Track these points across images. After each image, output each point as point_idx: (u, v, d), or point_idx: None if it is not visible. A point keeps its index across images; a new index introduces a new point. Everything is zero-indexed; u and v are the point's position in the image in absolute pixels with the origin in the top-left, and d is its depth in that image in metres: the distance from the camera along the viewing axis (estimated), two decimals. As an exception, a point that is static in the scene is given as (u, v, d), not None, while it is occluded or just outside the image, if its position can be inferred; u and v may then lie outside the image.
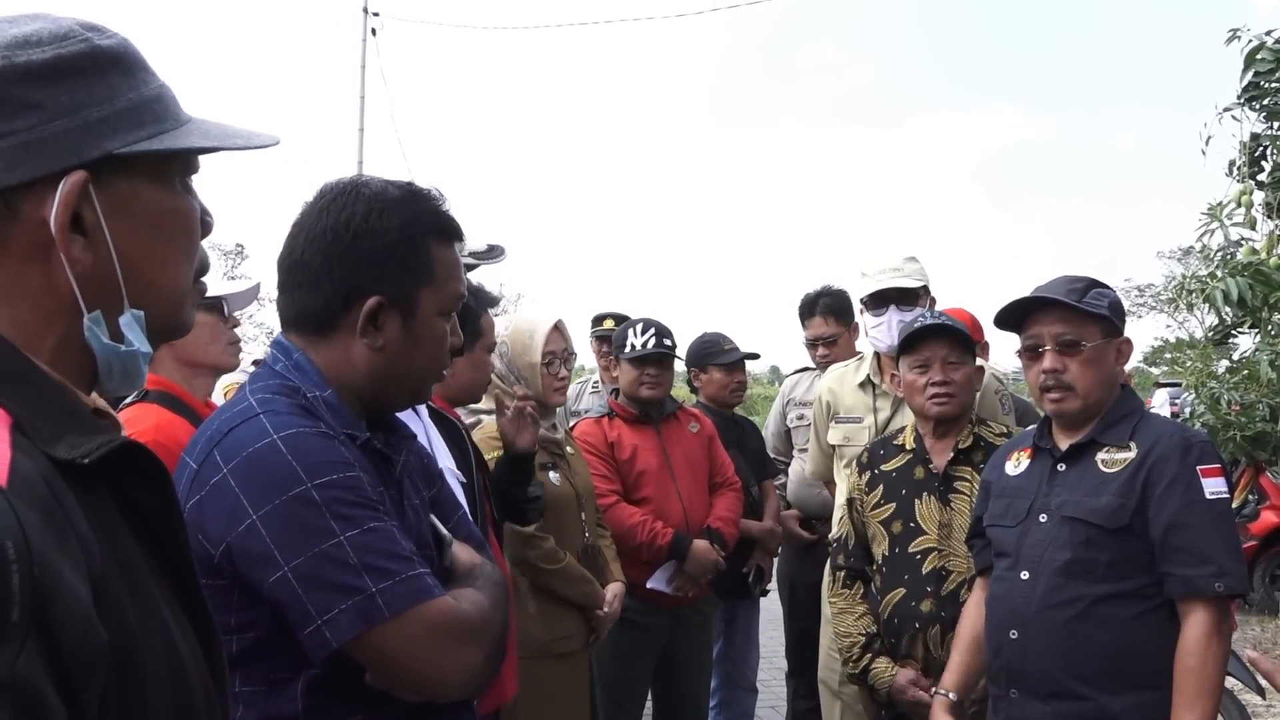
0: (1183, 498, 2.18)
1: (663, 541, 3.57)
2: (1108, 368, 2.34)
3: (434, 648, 1.32)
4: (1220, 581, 2.13)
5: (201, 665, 0.87)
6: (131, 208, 0.89)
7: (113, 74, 0.89)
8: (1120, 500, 2.23)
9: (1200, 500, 2.18)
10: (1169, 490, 2.19)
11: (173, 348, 2.42)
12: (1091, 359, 2.32)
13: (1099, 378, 2.32)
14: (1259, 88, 4.07)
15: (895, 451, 2.98)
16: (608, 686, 3.69)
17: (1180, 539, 2.17)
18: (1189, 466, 2.21)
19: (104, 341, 0.88)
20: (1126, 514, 2.22)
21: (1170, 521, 2.18)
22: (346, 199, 1.47)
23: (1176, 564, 2.17)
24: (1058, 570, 2.27)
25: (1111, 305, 2.35)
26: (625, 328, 3.86)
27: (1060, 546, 2.28)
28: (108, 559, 0.77)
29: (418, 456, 1.64)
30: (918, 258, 3.53)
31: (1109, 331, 2.34)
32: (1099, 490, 2.27)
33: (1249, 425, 4.02)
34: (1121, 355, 2.37)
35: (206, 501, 1.34)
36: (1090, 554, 2.24)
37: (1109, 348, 2.34)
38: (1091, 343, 2.32)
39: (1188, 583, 2.16)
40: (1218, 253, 4.26)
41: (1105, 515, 2.23)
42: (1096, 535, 2.24)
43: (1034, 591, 2.30)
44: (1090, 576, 2.24)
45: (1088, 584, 2.23)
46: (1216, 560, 2.14)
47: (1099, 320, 2.32)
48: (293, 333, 1.50)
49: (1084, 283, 2.36)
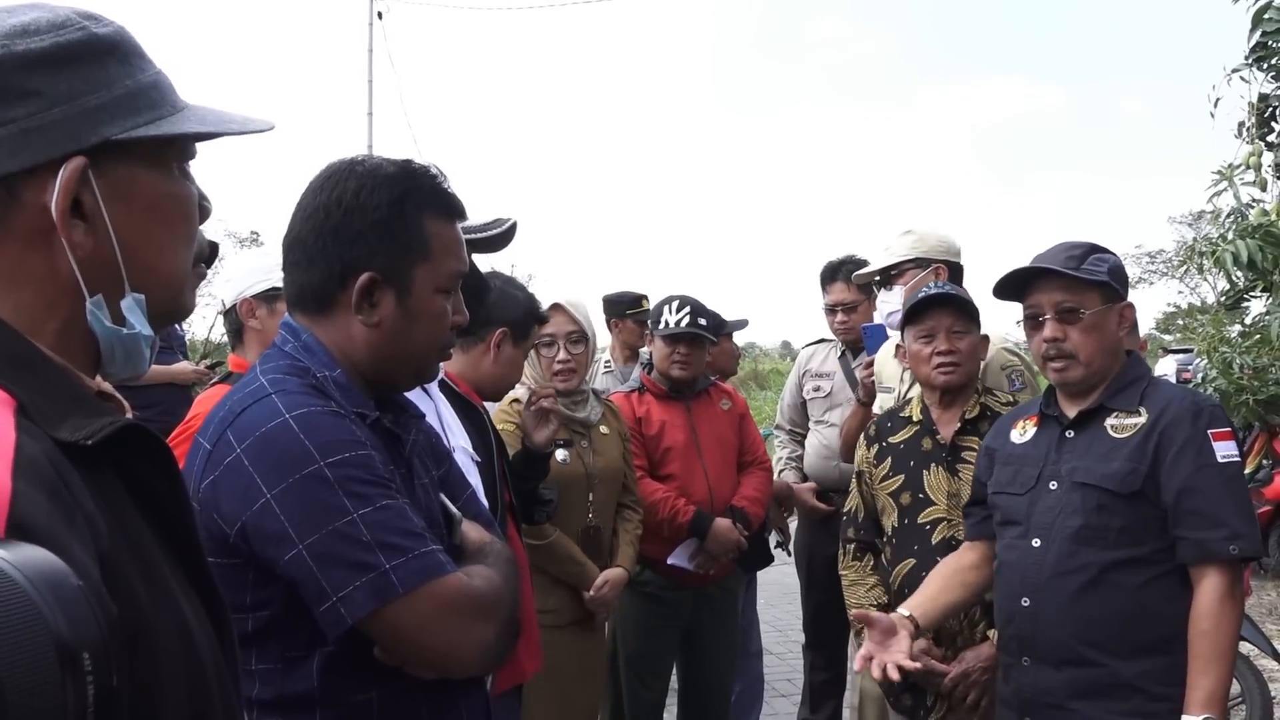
0: (1195, 462, 2.18)
1: (684, 519, 3.57)
2: (1109, 334, 2.33)
3: (447, 623, 1.34)
4: (1235, 544, 2.13)
5: (213, 641, 0.89)
6: (130, 193, 0.91)
7: (110, 61, 0.90)
8: (1132, 465, 2.22)
9: (1212, 464, 2.18)
10: (1181, 454, 2.19)
11: (259, 334, 2.50)
12: (1091, 326, 2.31)
13: (1100, 344, 2.31)
14: (1267, 48, 4.01)
15: (902, 424, 2.98)
16: (631, 660, 3.72)
17: (1193, 503, 2.16)
18: (1200, 431, 2.20)
19: (106, 325, 0.90)
20: (1139, 479, 2.21)
21: (1183, 486, 2.17)
22: (340, 176, 1.48)
23: (1190, 528, 2.17)
24: (1069, 537, 2.27)
25: (1111, 270, 2.33)
26: (661, 303, 3.83)
27: (1072, 513, 2.28)
28: (115, 537, 0.78)
29: (426, 435, 1.66)
30: (914, 229, 3.50)
31: (1109, 297, 2.32)
32: (1110, 456, 2.26)
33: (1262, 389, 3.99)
34: (1124, 320, 2.36)
35: (220, 481, 1.36)
36: (1102, 520, 2.24)
37: (1110, 313, 2.33)
38: (1091, 309, 2.30)
39: (1201, 546, 2.16)
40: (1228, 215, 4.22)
41: (1117, 480, 2.23)
42: (1109, 500, 2.24)
43: (1045, 558, 2.30)
44: (1102, 542, 2.23)
45: (1100, 550, 2.23)
46: (1230, 524, 2.14)
47: (1098, 287, 2.31)
48: (297, 312, 1.52)
49: (1083, 249, 2.35)
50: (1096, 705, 2.23)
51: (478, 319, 2.83)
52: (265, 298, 2.49)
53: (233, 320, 2.53)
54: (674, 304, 3.75)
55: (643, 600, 3.71)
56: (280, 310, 2.46)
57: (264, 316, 2.49)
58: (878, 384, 3.63)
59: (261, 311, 2.50)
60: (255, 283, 2.48)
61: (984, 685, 2.66)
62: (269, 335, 2.44)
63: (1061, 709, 2.27)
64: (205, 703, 0.85)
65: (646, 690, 3.74)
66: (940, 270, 3.43)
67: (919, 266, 3.42)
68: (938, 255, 3.46)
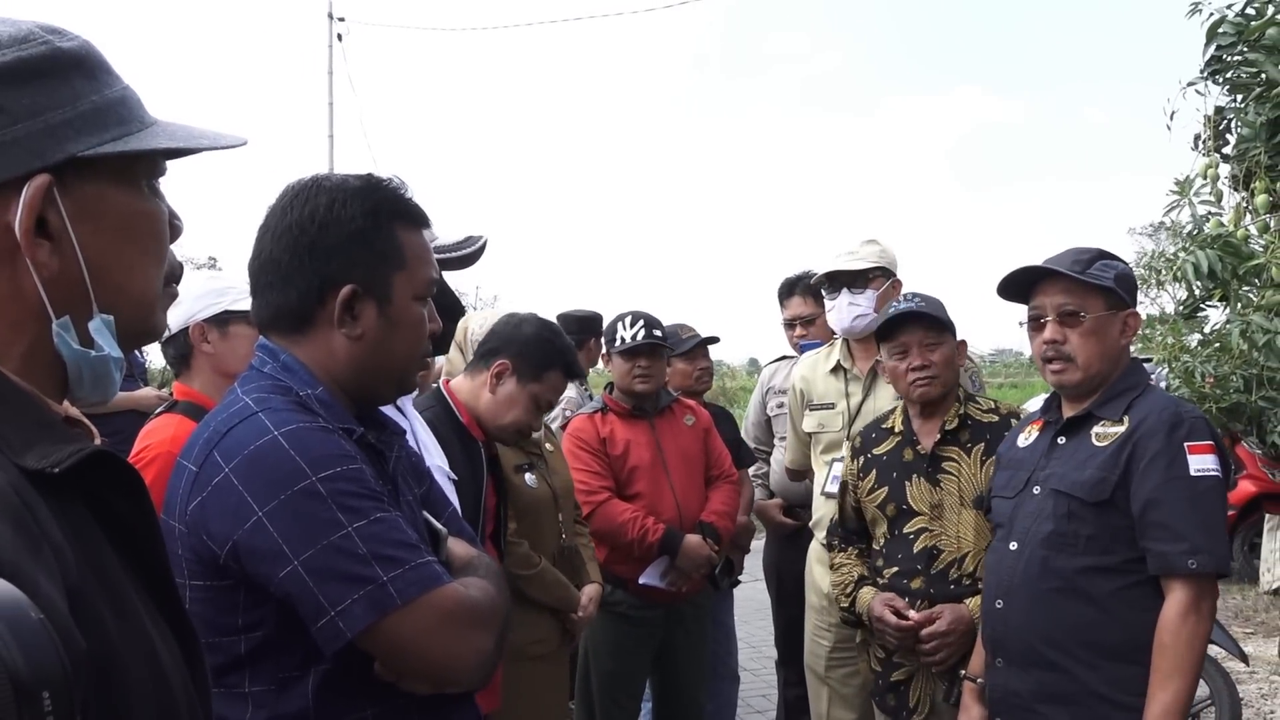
0: (1164, 474, 2.17)
1: (653, 538, 3.55)
2: (1110, 340, 2.32)
3: (446, 634, 1.33)
4: (1194, 559, 2.12)
5: (183, 671, 0.87)
6: (98, 211, 0.88)
7: (75, 76, 0.88)
8: (1103, 474, 2.22)
9: (1182, 477, 2.16)
10: (1151, 465, 2.18)
11: (211, 359, 2.44)
12: (1092, 330, 2.31)
13: (1099, 350, 2.31)
14: (1221, 61, 4.09)
15: (885, 435, 2.99)
16: (604, 680, 3.70)
17: (1157, 515, 2.16)
18: (1176, 442, 2.19)
19: (74, 347, 0.87)
20: (1108, 488, 2.21)
21: (1149, 497, 2.17)
22: (308, 194, 1.47)
23: (1153, 540, 2.16)
24: (1041, 542, 2.28)
25: (1118, 277, 2.32)
26: (614, 321, 3.82)
27: (1045, 518, 2.29)
28: (83, 568, 0.76)
29: (408, 454, 1.65)
30: (878, 240, 3.56)
31: (1114, 304, 2.32)
32: (1086, 464, 2.27)
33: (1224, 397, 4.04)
34: (1129, 329, 2.35)
35: (209, 502, 1.34)
36: (1072, 527, 2.24)
37: (1113, 320, 2.32)
38: (1093, 314, 2.30)
39: (1163, 559, 2.15)
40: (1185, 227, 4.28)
41: (1087, 489, 2.23)
42: (1078, 508, 2.24)
43: (1018, 563, 2.32)
44: (1071, 549, 2.24)
45: (1069, 556, 2.24)
46: (1190, 538, 2.13)
47: (1103, 292, 2.30)
48: (272, 334, 1.50)
49: (1091, 254, 2.35)
50: (1062, 710, 2.23)
51: (492, 345, 2.81)
52: (217, 321, 2.43)
53: (178, 346, 2.45)
54: (627, 320, 3.75)
55: (615, 620, 3.68)
56: (234, 333, 2.42)
57: (216, 340, 2.43)
58: (806, 402, 3.64)
59: (214, 335, 2.43)
60: (205, 306, 2.41)
61: (958, 645, 2.67)
62: (222, 360, 2.41)
63: (1029, 711, 2.28)
64: None
65: (620, 710, 3.72)
66: (898, 284, 3.47)
67: (884, 276, 3.46)
68: (894, 269, 3.51)
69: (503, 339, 2.83)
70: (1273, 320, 3.74)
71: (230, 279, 2.49)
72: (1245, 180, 4.08)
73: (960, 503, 2.79)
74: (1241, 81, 4.07)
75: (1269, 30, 3.85)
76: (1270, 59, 3.87)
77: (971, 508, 2.77)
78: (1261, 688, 5.37)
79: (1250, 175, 4.01)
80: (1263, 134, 3.93)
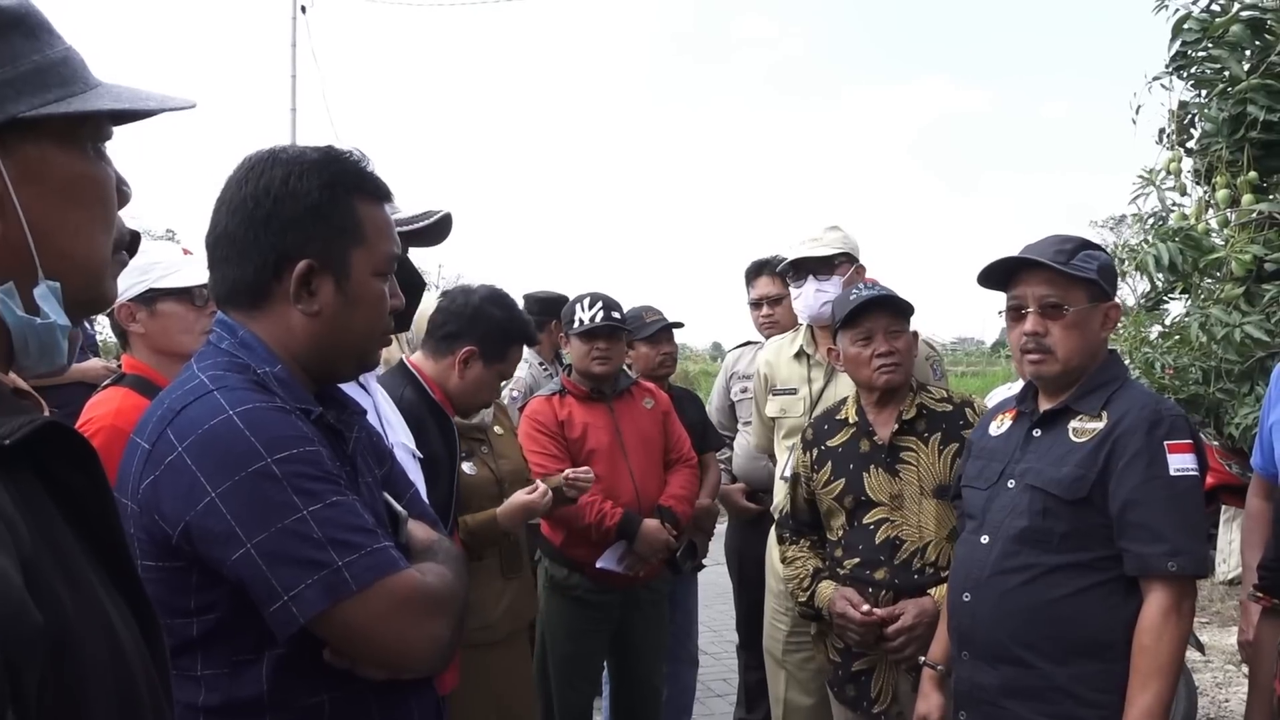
0: (1144, 473, 2.14)
1: (611, 522, 3.54)
2: (1091, 333, 2.29)
3: (401, 621, 1.31)
4: (1174, 561, 2.09)
5: (141, 648, 0.85)
6: (41, 174, 0.86)
7: (14, 36, 0.86)
8: (1081, 472, 2.20)
9: (1161, 476, 2.13)
10: (1131, 465, 2.15)
11: (145, 337, 2.39)
12: (1074, 323, 2.27)
13: (1080, 343, 2.28)
14: (1186, 56, 4.13)
15: (839, 426, 2.97)
16: (560, 664, 3.69)
17: (1136, 515, 2.13)
18: (1155, 441, 2.16)
19: (17, 314, 0.85)
20: (1086, 486, 2.18)
21: (1128, 497, 2.14)
22: (264, 166, 1.44)
23: (1132, 540, 2.14)
24: (1014, 537, 2.25)
25: (1101, 269, 2.28)
26: (573, 303, 3.79)
27: (1019, 514, 2.26)
28: (37, 542, 0.74)
29: (368, 434, 1.62)
30: (841, 226, 3.56)
31: (1096, 296, 2.28)
32: (1064, 460, 2.24)
33: (1182, 388, 4.09)
34: (1109, 321, 2.32)
35: (162, 481, 1.31)
36: (1047, 524, 2.22)
37: (1094, 312, 2.29)
38: (1076, 306, 2.27)
39: (1142, 560, 2.13)
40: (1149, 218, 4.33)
41: (1064, 486, 2.20)
42: (1054, 505, 2.21)
43: (989, 556, 2.29)
44: (1045, 546, 2.21)
45: (1041, 553, 2.21)
46: (1170, 539, 2.10)
47: (1085, 284, 2.27)
48: (230, 309, 1.47)
49: (1074, 244, 2.31)
50: (1026, 705, 2.22)
51: (451, 330, 2.79)
52: (144, 299, 2.37)
53: (114, 324, 2.42)
54: (585, 301, 3.73)
55: (571, 604, 3.68)
56: (163, 311, 2.37)
57: (145, 319, 2.37)
58: (769, 387, 3.66)
59: (142, 314, 2.37)
60: (131, 285, 2.34)
61: (924, 638, 2.65)
62: (153, 339, 2.37)
63: (994, 705, 2.27)
64: (134, 711, 0.81)
65: (575, 693, 3.72)
66: (862, 270, 3.48)
67: (849, 262, 3.47)
68: (857, 254, 3.53)
69: (463, 322, 2.80)
70: (1231, 313, 3.79)
71: (157, 255, 2.43)
72: (1207, 175, 4.13)
73: (920, 492, 2.77)
74: (1205, 77, 4.11)
75: (1233, 27, 3.89)
76: (1233, 55, 3.91)
77: (933, 497, 2.76)
78: (1216, 677, 5.45)
79: (1212, 170, 4.06)
80: (1225, 129, 3.98)
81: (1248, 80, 3.80)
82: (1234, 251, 3.80)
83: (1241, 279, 3.85)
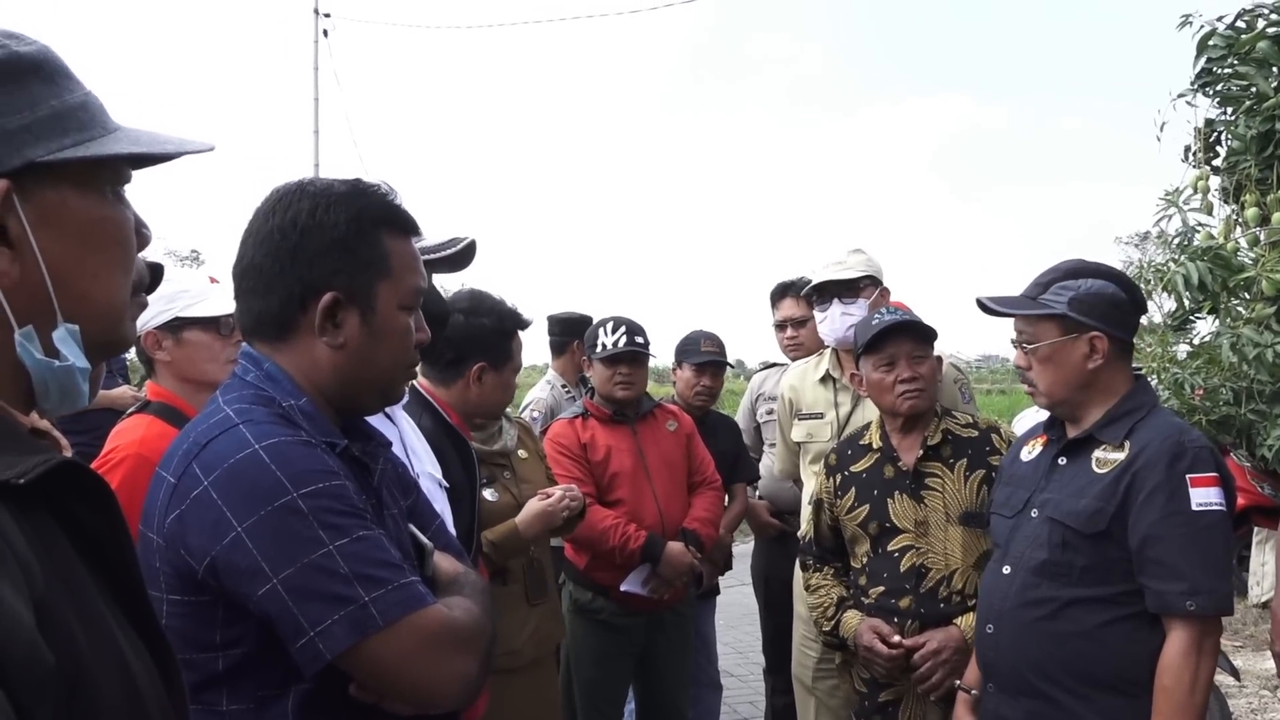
0: (1164, 508, 2.08)
1: (635, 545, 3.52)
2: (1069, 366, 2.25)
3: (429, 657, 1.30)
4: (1192, 600, 2.04)
5: (157, 686, 0.85)
6: (60, 218, 0.87)
7: (33, 81, 0.87)
8: (1099, 505, 2.15)
9: (1182, 512, 2.07)
10: (1150, 499, 2.09)
11: (170, 365, 2.40)
12: (1047, 358, 2.26)
13: (1059, 376, 2.26)
14: (1212, 74, 4.10)
15: (863, 452, 2.94)
16: (585, 688, 3.68)
17: (1155, 551, 2.08)
18: (1177, 474, 2.09)
19: (37, 358, 0.85)
20: (1104, 519, 2.14)
21: (1147, 533, 2.08)
22: (292, 198, 1.45)
23: (1151, 577, 2.09)
24: (1034, 569, 2.22)
25: (1075, 300, 2.24)
26: (596, 327, 3.79)
27: (1039, 545, 2.23)
28: (51, 581, 0.74)
29: (393, 465, 1.62)
30: (865, 249, 3.54)
31: (1070, 328, 2.24)
32: (1083, 492, 2.19)
33: (1214, 409, 4.04)
34: (1096, 351, 2.24)
35: (187, 515, 1.30)
36: (1066, 557, 2.18)
37: (1071, 345, 2.24)
38: (1046, 341, 2.25)
39: (1160, 598, 2.08)
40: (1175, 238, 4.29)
41: (1082, 519, 2.16)
42: (1073, 539, 2.17)
43: (1010, 587, 2.26)
44: (1065, 579, 2.18)
45: (1062, 586, 2.18)
46: (1190, 577, 2.04)
47: (1055, 319, 2.25)
48: (256, 341, 1.48)
49: (1051, 276, 2.30)
50: None
51: (453, 356, 2.78)
52: (170, 328, 2.38)
53: (140, 351, 2.44)
54: (609, 326, 3.73)
55: (596, 628, 3.67)
56: (189, 340, 2.38)
57: (171, 347, 2.38)
58: (794, 412, 3.63)
59: (168, 343, 2.38)
60: (157, 314, 2.35)
61: (952, 664, 2.62)
62: (179, 367, 2.38)
63: None
64: None
65: (600, 718, 3.70)
66: (886, 293, 3.46)
67: (873, 285, 3.45)
68: (881, 277, 3.50)
69: (461, 345, 2.77)
70: (1263, 333, 3.74)
71: (184, 283, 2.44)
72: (1235, 193, 4.08)
73: (946, 519, 2.74)
74: (1232, 94, 4.08)
75: (1259, 44, 3.85)
76: (1260, 72, 3.88)
77: (959, 524, 2.73)
78: (1251, 702, 5.35)
79: (1240, 188, 4.02)
80: (1253, 147, 3.94)
81: (1276, 97, 3.77)
82: (1264, 271, 3.75)
83: (1272, 298, 3.81)
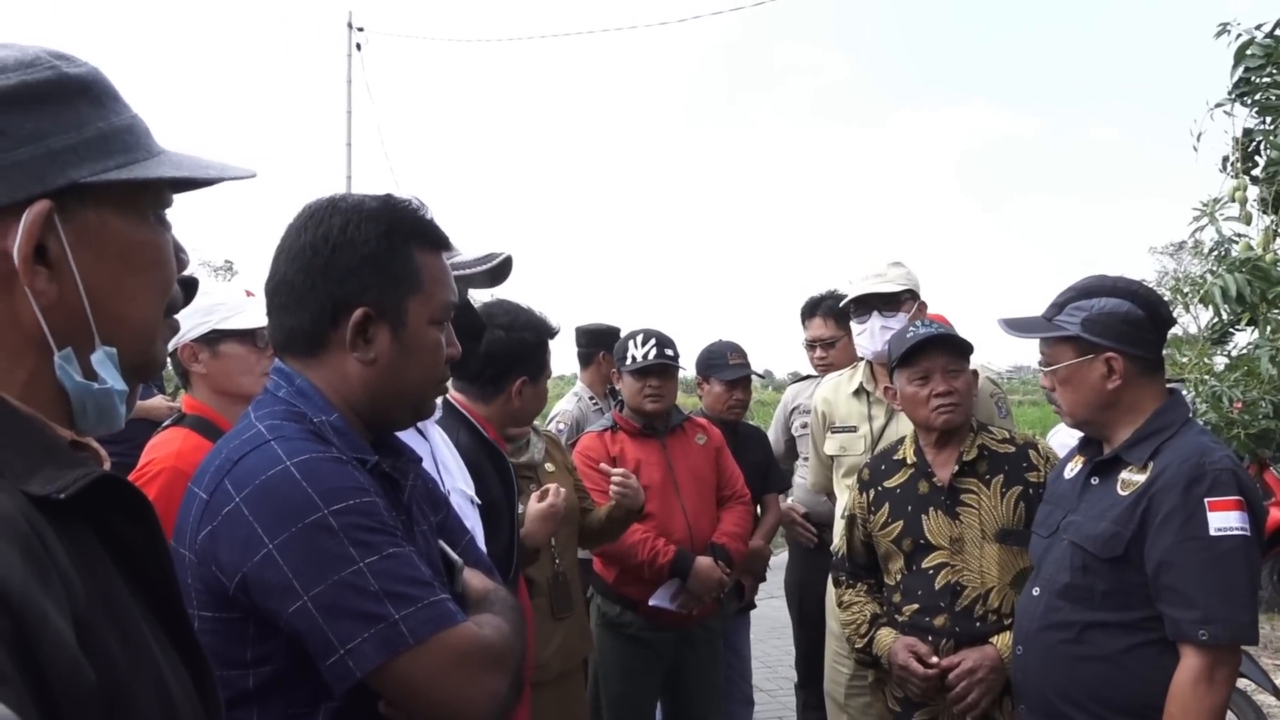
0: (1178, 533, 2.02)
1: (664, 560, 3.51)
2: (1089, 386, 2.22)
3: (459, 675, 1.30)
4: (1205, 630, 1.98)
5: (194, 700, 0.85)
6: (100, 239, 0.87)
7: (80, 102, 0.87)
8: (1116, 529, 2.12)
9: (1198, 537, 2.00)
10: (1165, 523, 2.05)
11: (207, 377, 2.42)
12: (1065, 379, 2.25)
13: (1079, 397, 2.24)
14: (1249, 83, 4.04)
15: (896, 467, 2.90)
16: (613, 703, 3.66)
17: (1170, 578, 2.03)
18: (1194, 498, 2.03)
19: (76, 380, 0.86)
20: (1121, 544, 2.10)
21: (1162, 558, 2.04)
22: (323, 214, 1.46)
23: (1166, 604, 2.05)
24: (1058, 591, 2.20)
25: (1087, 321, 2.20)
26: (625, 339, 3.78)
27: (1063, 569, 2.21)
28: (91, 596, 0.74)
29: (424, 481, 1.61)
30: (903, 262, 3.51)
31: (1085, 349, 2.21)
32: (1104, 515, 2.16)
33: (1253, 423, 3.98)
34: (1114, 371, 2.20)
35: (219, 532, 1.31)
36: (1087, 581, 2.15)
37: (1087, 366, 2.21)
38: (1064, 363, 2.24)
39: (1175, 625, 2.04)
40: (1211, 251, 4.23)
41: (1099, 544, 2.14)
42: (1093, 562, 2.15)
43: (1037, 609, 2.24)
44: (1086, 603, 2.15)
45: (1083, 610, 2.15)
46: (1203, 605, 1.98)
47: (1069, 341, 2.23)
48: (288, 356, 1.48)
49: (1067, 296, 2.28)
50: None
51: (494, 372, 2.78)
52: (206, 340, 2.39)
53: (176, 364, 2.45)
54: (638, 338, 3.72)
55: (625, 642, 3.65)
56: (225, 352, 2.40)
57: (207, 360, 2.40)
58: (828, 425, 3.60)
59: (205, 355, 2.40)
60: (194, 326, 2.37)
61: (989, 684, 2.58)
62: (215, 379, 2.39)
63: None
64: None
65: (630, 732, 3.66)
66: (924, 307, 3.43)
67: (913, 298, 3.42)
68: (919, 290, 3.47)
69: (505, 358, 2.77)
70: (1303, 346, 3.68)
71: (221, 295, 2.45)
72: (1275, 203, 4.02)
73: (982, 536, 2.70)
74: (1271, 104, 4.02)
75: (1299, 52, 3.80)
76: (1300, 81, 3.82)
77: (995, 541, 2.69)
78: (1292, 721, 5.25)
79: (1279, 198, 3.95)
80: (1293, 157, 3.88)
81: (1315, 107, 3.71)
82: (1305, 282, 3.69)
83: (1313, 310, 3.75)
